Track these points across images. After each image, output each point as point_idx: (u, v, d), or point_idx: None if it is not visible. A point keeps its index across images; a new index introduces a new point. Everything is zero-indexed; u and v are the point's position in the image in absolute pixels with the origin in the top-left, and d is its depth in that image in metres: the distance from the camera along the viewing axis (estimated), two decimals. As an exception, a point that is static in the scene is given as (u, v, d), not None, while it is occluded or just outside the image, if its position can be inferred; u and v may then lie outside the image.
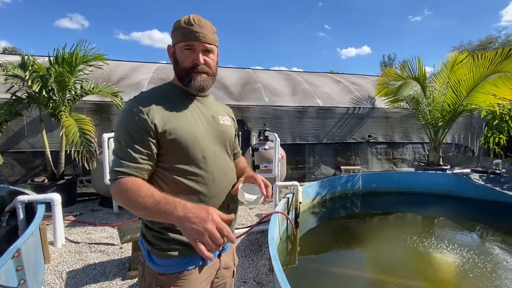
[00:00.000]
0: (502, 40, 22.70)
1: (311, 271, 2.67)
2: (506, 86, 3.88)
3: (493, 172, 4.90)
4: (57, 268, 2.38)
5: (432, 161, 5.27)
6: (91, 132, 3.44)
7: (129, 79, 5.29)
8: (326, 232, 3.63)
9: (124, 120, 0.85)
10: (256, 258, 2.62)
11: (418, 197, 4.77)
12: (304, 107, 5.51)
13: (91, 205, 4.03)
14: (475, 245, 3.16)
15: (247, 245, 2.89)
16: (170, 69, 6.16)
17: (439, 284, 2.37)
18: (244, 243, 2.92)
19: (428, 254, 2.84)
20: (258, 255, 2.70)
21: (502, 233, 3.55)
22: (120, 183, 0.79)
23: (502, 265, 2.63)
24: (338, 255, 3.07)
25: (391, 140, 6.25)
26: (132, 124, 0.83)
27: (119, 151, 0.83)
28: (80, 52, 3.81)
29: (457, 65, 4.72)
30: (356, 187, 4.90)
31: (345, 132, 5.88)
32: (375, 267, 2.76)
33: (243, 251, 2.76)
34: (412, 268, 2.70)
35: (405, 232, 3.58)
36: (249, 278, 2.31)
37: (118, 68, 5.74)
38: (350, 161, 6.02)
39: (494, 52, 3.94)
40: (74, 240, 2.89)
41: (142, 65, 6.18)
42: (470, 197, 4.54)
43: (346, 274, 2.66)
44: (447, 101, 4.74)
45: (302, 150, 5.58)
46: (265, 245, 2.90)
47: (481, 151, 7.26)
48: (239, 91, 5.59)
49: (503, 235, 3.52)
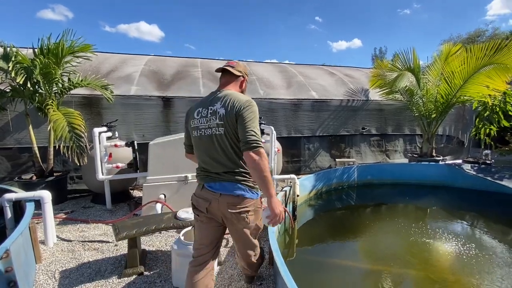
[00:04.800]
0: (490, 33, 23.19)
1: (310, 263, 2.67)
2: (500, 77, 3.92)
3: (484, 162, 5.00)
4: (49, 268, 2.29)
5: (426, 153, 5.34)
6: (81, 126, 3.31)
7: (119, 71, 5.11)
8: (323, 224, 3.64)
9: (255, 110, 1.48)
10: (255, 252, 2.59)
11: (412, 188, 4.84)
12: (299, 99, 5.46)
13: (83, 202, 3.91)
14: (466, 234, 3.22)
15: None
16: (161, 62, 5.99)
17: (434, 272, 2.40)
18: (243, 237, 2.88)
19: (423, 243, 2.88)
20: (257, 249, 2.66)
21: (493, 222, 3.64)
22: (263, 150, 1.42)
23: (492, 251, 2.68)
24: (335, 246, 3.08)
25: (384, 132, 6.30)
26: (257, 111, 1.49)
27: (257, 130, 1.44)
28: (66, 42, 3.64)
29: (451, 56, 4.74)
30: (351, 179, 4.93)
31: (339, 124, 5.88)
32: (372, 257, 2.78)
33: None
34: (407, 257, 2.73)
35: (400, 222, 3.63)
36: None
37: (107, 61, 5.54)
38: (344, 153, 6.04)
39: (488, 43, 3.97)
40: (66, 239, 2.79)
41: (132, 57, 5.99)
42: (462, 187, 4.62)
43: (344, 265, 2.67)
44: (441, 92, 4.78)
45: (298, 143, 5.56)
46: (263, 238, 2.87)
47: (471, 142, 7.41)
48: (233, 84, 5.49)
49: (493, 223, 3.61)
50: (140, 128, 4.60)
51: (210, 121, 1.52)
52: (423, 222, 3.67)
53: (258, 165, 1.38)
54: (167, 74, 5.37)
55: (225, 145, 1.50)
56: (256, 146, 1.39)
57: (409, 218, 3.83)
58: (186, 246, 1.98)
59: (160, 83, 5.04)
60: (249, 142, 1.39)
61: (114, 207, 3.69)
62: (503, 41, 3.94)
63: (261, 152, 1.40)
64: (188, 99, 4.81)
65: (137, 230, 2.17)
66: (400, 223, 3.59)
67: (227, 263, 2.41)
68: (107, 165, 3.53)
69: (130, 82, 4.81)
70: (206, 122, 1.53)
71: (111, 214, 3.47)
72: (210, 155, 1.54)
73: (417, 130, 6.63)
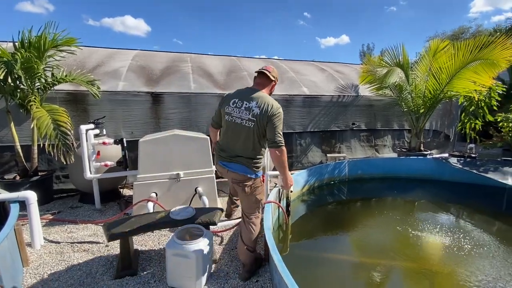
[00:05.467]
0: (473, 30, 23.82)
1: (303, 258, 2.70)
2: (486, 73, 4.03)
3: (469, 156, 5.17)
4: (37, 271, 2.20)
5: (414, 147, 5.46)
6: (67, 124, 3.18)
7: (105, 66, 4.95)
8: (316, 219, 3.67)
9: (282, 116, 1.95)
10: (250, 249, 2.58)
11: (401, 182, 4.94)
12: (291, 95, 5.45)
13: (71, 202, 3.79)
14: (454, 225, 3.32)
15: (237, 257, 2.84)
16: (149, 56, 5.84)
17: (424, 263, 2.47)
18: (236, 235, 2.87)
19: (413, 236, 2.94)
20: (252, 245, 2.66)
21: (479, 213, 3.77)
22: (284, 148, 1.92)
23: (479, 242, 2.78)
24: (328, 240, 3.12)
25: (373, 128, 6.39)
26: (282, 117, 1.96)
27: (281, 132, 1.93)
28: (48, 35, 3.47)
29: (439, 52, 4.83)
30: (342, 174, 4.99)
31: (330, 120, 5.92)
32: (364, 251, 2.83)
33: (236, 242, 2.71)
34: (398, 249, 2.79)
35: (390, 216, 3.71)
36: (245, 269, 2.27)
37: (93, 55, 5.34)
38: (335, 148, 6.10)
39: (475, 39, 4.07)
40: (54, 240, 2.70)
41: (118, 52, 5.80)
42: (449, 181, 4.76)
43: (337, 259, 2.70)
44: (429, 88, 4.87)
45: (289, 139, 5.56)
46: (258, 235, 2.86)
47: (456, 136, 7.64)
48: (224, 80, 5.42)
49: (479, 215, 3.74)
50: (128, 125, 4.48)
51: (242, 113, 1.96)
52: (412, 215, 3.76)
53: (280, 158, 1.96)
54: (155, 69, 5.23)
55: (248, 137, 1.97)
56: (281, 146, 1.93)
57: (399, 211, 3.92)
58: (180, 246, 1.94)
59: (149, 78, 4.91)
60: (276, 142, 1.92)
61: (103, 207, 3.59)
62: (489, 37, 4.04)
63: (283, 149, 1.94)
64: (178, 95, 4.71)
65: (129, 229, 2.11)
66: (391, 216, 3.67)
67: (222, 261, 2.39)
68: (95, 164, 3.42)
69: (118, 78, 4.66)
70: (239, 113, 1.97)
71: (101, 214, 3.38)
72: (232, 140, 2.04)
73: (405, 125, 6.77)
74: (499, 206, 4.09)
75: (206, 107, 4.88)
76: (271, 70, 2.08)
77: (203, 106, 4.87)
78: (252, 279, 2.13)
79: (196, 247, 1.94)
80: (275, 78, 2.12)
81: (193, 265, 1.92)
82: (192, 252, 1.91)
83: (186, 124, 4.79)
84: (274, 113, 1.90)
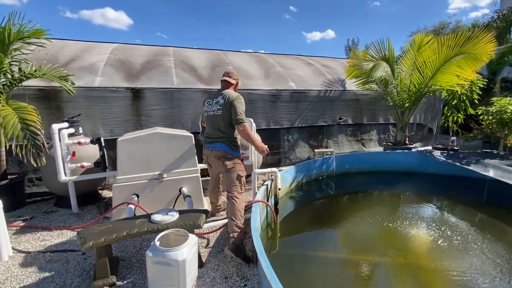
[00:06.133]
0: (453, 25, 24.55)
1: (292, 255, 2.65)
2: (469, 67, 4.08)
3: (452, 148, 5.28)
4: (4, 285, 2.01)
5: (399, 141, 5.51)
6: (37, 123, 2.93)
7: (80, 60, 4.64)
8: (304, 216, 3.62)
9: (242, 101, 2.56)
10: (237, 251, 2.48)
11: (388, 176, 4.99)
12: (278, 90, 5.35)
13: (45, 206, 3.54)
14: (439, 217, 3.37)
15: (227, 238, 2.73)
16: (129, 50, 5.55)
17: (414, 258, 2.46)
18: (223, 235, 2.76)
19: (402, 230, 2.95)
20: (240, 247, 2.55)
21: (461, 205, 3.85)
22: (245, 124, 2.49)
23: (463, 233, 2.81)
24: (318, 237, 3.07)
25: (359, 122, 6.42)
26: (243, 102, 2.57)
27: (242, 112, 2.51)
28: (14, 27, 3.18)
29: (423, 46, 4.86)
30: (330, 169, 4.97)
31: (317, 115, 5.87)
32: (353, 247, 2.81)
33: (223, 245, 2.60)
34: (386, 244, 2.78)
35: (378, 210, 3.72)
36: (232, 272, 2.17)
37: (66, 49, 5.00)
38: (322, 143, 6.08)
39: (458, 34, 4.09)
40: (25, 250, 2.49)
41: (95, 45, 5.47)
42: (434, 173, 4.84)
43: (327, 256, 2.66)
44: (414, 82, 4.90)
45: (277, 135, 5.48)
46: (246, 235, 2.77)
47: (439, 130, 7.82)
48: (208, 74, 5.23)
49: (462, 206, 3.82)
50: (107, 123, 4.23)
51: (214, 107, 2.64)
52: (399, 209, 3.79)
53: (245, 132, 2.52)
54: (136, 64, 4.97)
55: (220, 123, 2.60)
56: (242, 122, 2.49)
57: (387, 205, 3.94)
58: (163, 253, 1.81)
59: (129, 73, 4.65)
60: (238, 119, 2.49)
61: (81, 211, 3.38)
62: (473, 32, 4.07)
63: (245, 125, 2.51)
64: (160, 90, 4.50)
65: (106, 237, 1.95)
66: (379, 210, 3.68)
67: (209, 264, 2.28)
68: (71, 165, 3.19)
69: (94, 73, 4.38)
70: (211, 108, 2.66)
71: (78, 219, 3.17)
72: (212, 127, 2.69)
73: (391, 119, 6.84)
74: (480, 198, 4.20)
75: (190, 103, 4.69)
76: (231, 74, 2.76)
77: (187, 102, 4.68)
78: (240, 283, 2.03)
79: (179, 254, 1.81)
80: (236, 79, 2.78)
81: (176, 273, 1.80)
82: (174, 260, 1.79)
83: (169, 121, 4.60)
84: (234, 99, 2.53)
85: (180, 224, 2.17)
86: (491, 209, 3.68)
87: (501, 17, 11.29)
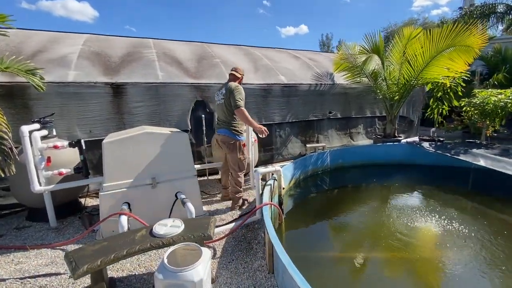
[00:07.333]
0: (421, 22, 25.80)
1: (307, 260, 2.48)
2: (461, 58, 4.15)
3: (439, 140, 5.43)
4: (-29, 326, 1.64)
5: (389, 133, 5.57)
6: (2, 125, 2.47)
7: (49, 52, 4.09)
8: (308, 215, 3.48)
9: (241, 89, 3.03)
10: (249, 260, 2.27)
11: (380, 168, 5.00)
12: (269, 84, 5.13)
13: (15, 221, 3.07)
14: (438, 207, 3.39)
15: (234, 245, 2.51)
16: (104, 42, 5.02)
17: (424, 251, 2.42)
18: (231, 244, 2.53)
19: (409, 224, 2.91)
20: (250, 255, 2.35)
21: (461, 195, 3.93)
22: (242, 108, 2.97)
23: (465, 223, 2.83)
24: (327, 237, 2.98)
25: (348, 116, 6.41)
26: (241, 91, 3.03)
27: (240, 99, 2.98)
28: (-35, 10, 2.65)
29: (412, 40, 4.88)
30: (325, 164, 4.89)
31: (308, 109, 5.75)
32: (362, 246, 2.72)
33: (231, 253, 2.38)
34: (396, 240, 2.71)
35: (381, 203, 3.70)
36: (248, 285, 1.96)
37: (32, 39, 4.39)
38: (312, 138, 6.00)
39: (449, 26, 4.13)
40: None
41: (65, 36, 4.87)
42: (426, 164, 4.93)
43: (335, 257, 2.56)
44: (404, 74, 4.93)
45: (269, 131, 5.25)
46: (254, 241, 2.57)
47: (419, 121, 8.09)
48: (195, 68, 4.88)
49: (461, 195, 3.90)
50: (85, 123, 3.78)
51: (219, 97, 3.17)
52: (396, 200, 3.80)
53: (242, 115, 2.95)
54: (114, 56, 4.49)
55: (223, 109, 3.07)
56: (239, 107, 2.92)
57: (389, 198, 3.93)
58: (175, 274, 1.55)
59: (107, 66, 4.18)
60: (236, 104, 2.92)
61: (60, 224, 2.96)
62: (468, 24, 4.11)
63: (242, 109, 2.93)
64: (143, 85, 4.10)
65: (103, 259, 1.65)
66: (381, 204, 3.66)
67: (221, 278, 2.05)
68: (46, 173, 2.76)
69: (67, 66, 3.87)
70: (217, 98, 3.21)
71: (58, 234, 2.76)
72: (218, 114, 3.25)
73: (377, 112, 6.93)
74: (475, 187, 4.32)
75: (177, 99, 4.34)
76: (238, 70, 3.28)
77: (174, 98, 4.32)
78: None
79: (194, 274, 1.57)
80: (241, 74, 3.27)
81: (193, 296, 1.55)
82: (190, 281, 1.54)
83: (155, 119, 4.22)
84: (233, 88, 2.96)
85: (188, 236, 1.91)
86: (488, 199, 3.78)
87: (468, 13, 11.94)
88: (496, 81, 7.10)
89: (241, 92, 2.98)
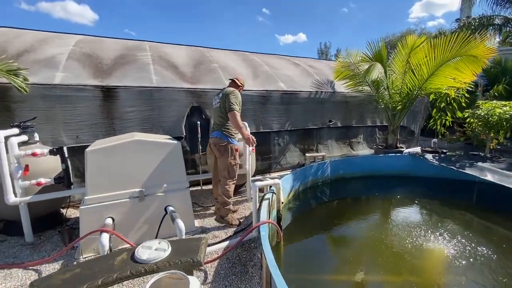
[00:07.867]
0: (418, 33, 26.15)
1: (301, 282, 2.26)
2: (468, 68, 4.01)
3: (442, 151, 5.26)
4: None
5: (391, 144, 5.40)
6: (-27, 129, 2.24)
7: (36, 53, 3.87)
8: (305, 230, 3.24)
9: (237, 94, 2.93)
10: (243, 287, 2.04)
11: (382, 180, 4.81)
12: (268, 91, 4.95)
13: (-12, 234, 2.80)
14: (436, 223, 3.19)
15: (228, 267, 2.27)
16: (97, 43, 4.82)
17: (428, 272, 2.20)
18: (224, 266, 2.29)
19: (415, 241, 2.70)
20: (245, 280, 2.11)
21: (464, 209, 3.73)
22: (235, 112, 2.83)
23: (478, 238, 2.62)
24: (322, 257, 2.73)
25: (348, 125, 6.25)
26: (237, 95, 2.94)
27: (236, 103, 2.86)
28: None
29: (415, 49, 4.75)
30: (325, 175, 4.68)
31: (308, 117, 5.58)
32: (367, 267, 2.49)
33: (224, 278, 2.14)
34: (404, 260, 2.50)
35: (384, 218, 3.50)
36: (242, 318, 1.72)
37: (19, 39, 4.18)
38: (312, 147, 5.81)
39: (455, 36, 4.01)
40: (-47, 305, 1.82)
41: (55, 36, 4.67)
42: (428, 177, 4.74)
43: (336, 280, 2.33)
44: (408, 83, 4.79)
45: (267, 139, 5.08)
46: (250, 263, 2.33)
47: (419, 132, 7.95)
48: (192, 72, 4.69)
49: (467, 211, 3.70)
50: (72, 128, 3.54)
51: (216, 101, 3.08)
52: (399, 214, 3.62)
53: (233, 119, 2.84)
54: (106, 58, 4.29)
55: (219, 113, 2.98)
56: (232, 110, 2.83)
57: (393, 212, 3.73)
58: (156, 313, 1.31)
59: (98, 69, 3.97)
60: (230, 108, 2.84)
61: (37, 239, 2.70)
62: (470, 34, 3.99)
63: (235, 112, 2.83)
64: (136, 89, 3.89)
65: (73, 292, 1.41)
66: (384, 218, 3.46)
67: (211, 310, 1.80)
68: (23, 183, 2.52)
69: (54, 67, 3.66)
70: (215, 101, 3.11)
71: (33, 251, 2.49)
72: (214, 118, 3.12)
73: (377, 122, 6.77)
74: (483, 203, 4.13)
75: (172, 104, 4.13)
76: (239, 79, 3.22)
77: (169, 103, 4.11)
78: None
79: (179, 312, 1.33)
80: (242, 84, 3.22)
81: None
82: (174, 322, 1.30)
83: (147, 126, 4.00)
84: (229, 93, 2.90)
85: (175, 262, 1.67)
86: (495, 215, 3.59)
87: (466, 24, 12.00)
88: (496, 93, 7.01)
89: (237, 97, 2.91)
